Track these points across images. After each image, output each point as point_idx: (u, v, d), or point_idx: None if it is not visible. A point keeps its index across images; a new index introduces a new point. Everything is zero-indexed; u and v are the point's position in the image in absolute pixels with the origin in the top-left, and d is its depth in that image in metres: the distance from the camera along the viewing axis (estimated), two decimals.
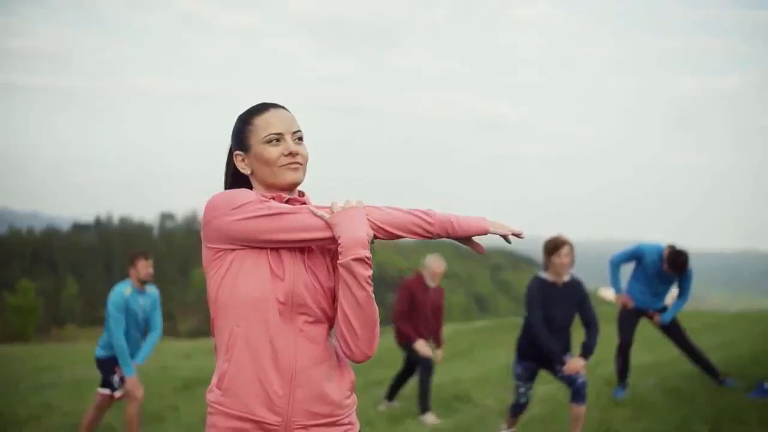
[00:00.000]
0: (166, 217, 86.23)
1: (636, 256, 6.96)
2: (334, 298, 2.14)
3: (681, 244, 6.87)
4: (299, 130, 2.17)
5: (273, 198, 2.14)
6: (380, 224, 2.09)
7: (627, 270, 7.09)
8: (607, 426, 5.90)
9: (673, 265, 6.66)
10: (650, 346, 9.34)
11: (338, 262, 2.04)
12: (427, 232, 2.12)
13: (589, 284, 5.64)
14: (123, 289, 6.07)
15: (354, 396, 2.20)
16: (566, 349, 5.37)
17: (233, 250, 2.07)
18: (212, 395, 2.12)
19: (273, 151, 2.12)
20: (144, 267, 6.13)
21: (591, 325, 5.35)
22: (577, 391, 5.21)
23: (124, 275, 6.40)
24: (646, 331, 7.80)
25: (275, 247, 2.07)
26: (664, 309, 6.98)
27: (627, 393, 6.91)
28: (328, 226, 2.06)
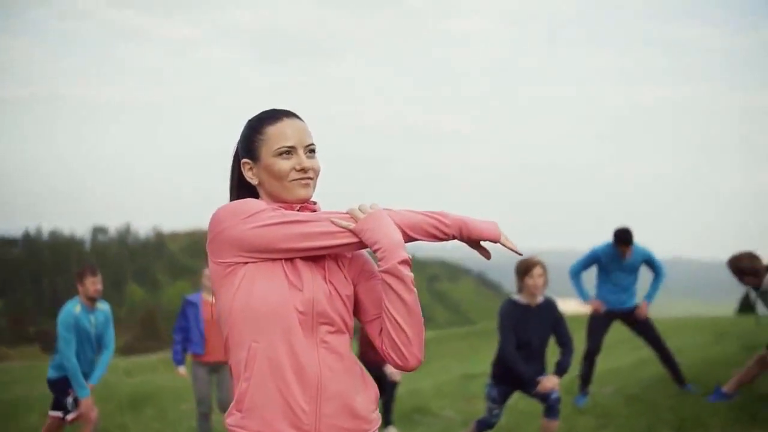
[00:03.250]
0: (98, 230, 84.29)
1: (593, 259, 7.03)
2: (351, 307, 2.06)
3: None
4: (312, 143, 2.07)
5: (282, 207, 2.03)
6: (401, 227, 2.00)
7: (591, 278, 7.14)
8: None
9: (620, 241, 6.81)
10: (607, 352, 9.41)
11: (382, 268, 1.93)
12: (444, 234, 2.05)
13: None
14: (72, 308, 5.81)
15: (378, 412, 2.09)
16: (541, 371, 5.30)
17: (246, 263, 1.95)
18: (232, 419, 1.98)
19: (284, 165, 2.02)
20: (92, 283, 5.86)
21: (566, 345, 5.30)
22: (551, 406, 5.16)
23: (53, 291, 6.23)
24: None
25: (294, 256, 1.96)
26: (635, 308, 7.03)
27: (588, 401, 6.93)
28: (350, 232, 1.96)
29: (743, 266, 5.78)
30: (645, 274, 7.23)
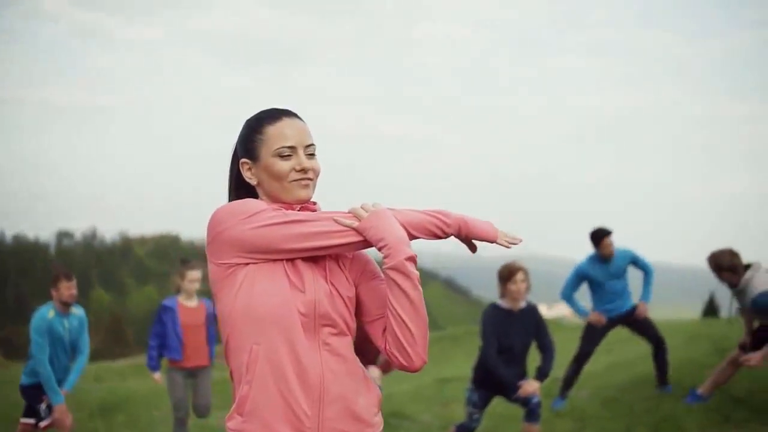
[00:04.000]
0: (63, 235, 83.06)
1: (580, 277, 7.02)
2: (353, 309, 2.04)
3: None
4: (312, 143, 2.05)
5: (282, 207, 2.01)
6: (403, 226, 1.98)
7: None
8: None
9: (599, 239, 6.85)
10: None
11: (388, 265, 1.91)
12: (444, 233, 2.05)
13: (487, 297, 5.57)
14: (46, 313, 5.72)
15: (381, 415, 2.07)
16: (522, 375, 5.32)
17: (246, 264, 1.92)
18: (233, 422, 1.95)
19: (284, 166, 1.99)
20: (66, 288, 5.77)
21: (547, 350, 5.34)
22: (532, 410, 5.19)
23: (17, 297, 6.09)
24: (574, 343, 7.87)
25: (296, 256, 1.94)
26: (633, 309, 7.03)
27: (565, 404, 6.95)
28: (353, 230, 1.94)
29: (723, 262, 5.78)
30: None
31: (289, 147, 1.99)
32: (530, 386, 5.15)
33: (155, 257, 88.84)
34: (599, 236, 6.86)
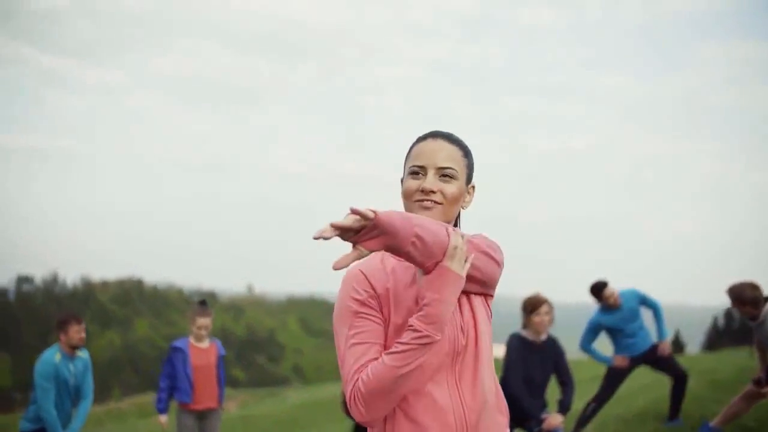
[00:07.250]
0: (23, 280, 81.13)
1: (595, 329, 7.07)
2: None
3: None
4: (449, 167, 1.92)
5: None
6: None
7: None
8: None
9: (598, 292, 6.92)
10: (582, 392, 9.52)
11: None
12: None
13: None
14: (52, 357, 5.64)
15: None
16: (543, 407, 5.35)
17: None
18: None
19: (411, 185, 1.93)
20: (76, 332, 5.74)
21: (567, 384, 5.40)
22: None
23: None
24: (578, 376, 7.91)
25: None
26: (654, 347, 7.09)
27: None
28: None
29: (745, 296, 5.72)
30: None
31: (419, 166, 1.93)
32: (555, 419, 5.17)
33: (118, 302, 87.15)
34: (598, 290, 6.95)
